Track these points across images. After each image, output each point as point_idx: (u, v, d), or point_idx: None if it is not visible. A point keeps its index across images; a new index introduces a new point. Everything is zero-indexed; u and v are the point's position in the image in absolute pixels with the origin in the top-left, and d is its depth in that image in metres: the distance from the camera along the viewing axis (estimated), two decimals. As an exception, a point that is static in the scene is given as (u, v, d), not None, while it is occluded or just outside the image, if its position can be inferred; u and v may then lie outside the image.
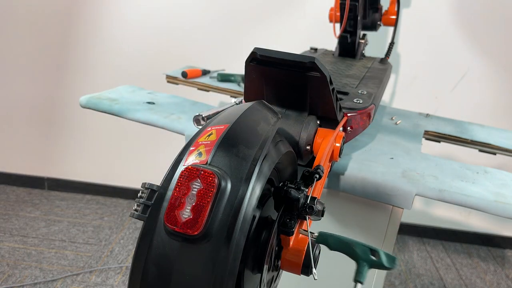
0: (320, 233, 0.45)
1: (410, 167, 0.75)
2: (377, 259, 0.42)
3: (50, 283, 1.57)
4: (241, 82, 1.23)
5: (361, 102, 0.73)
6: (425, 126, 1.01)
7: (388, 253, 0.42)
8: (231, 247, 0.33)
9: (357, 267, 0.43)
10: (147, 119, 0.89)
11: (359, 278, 0.42)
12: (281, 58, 0.51)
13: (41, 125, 2.06)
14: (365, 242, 0.43)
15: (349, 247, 0.43)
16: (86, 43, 1.86)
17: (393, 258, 0.42)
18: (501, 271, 1.89)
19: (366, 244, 0.43)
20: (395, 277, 1.77)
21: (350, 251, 0.43)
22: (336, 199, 0.79)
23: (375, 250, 0.42)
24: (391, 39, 1.08)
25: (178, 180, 0.35)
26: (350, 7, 0.98)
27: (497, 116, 1.76)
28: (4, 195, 2.13)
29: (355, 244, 0.43)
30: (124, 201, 2.18)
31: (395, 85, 1.76)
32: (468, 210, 1.99)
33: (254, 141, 0.39)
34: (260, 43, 1.75)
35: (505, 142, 0.97)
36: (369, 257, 0.42)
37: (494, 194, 0.68)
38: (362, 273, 0.42)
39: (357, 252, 0.43)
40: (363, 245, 0.43)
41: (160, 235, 0.34)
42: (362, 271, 0.42)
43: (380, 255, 0.42)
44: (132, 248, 1.81)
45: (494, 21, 1.62)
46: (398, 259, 0.49)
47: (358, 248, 0.43)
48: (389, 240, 0.79)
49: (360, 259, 0.43)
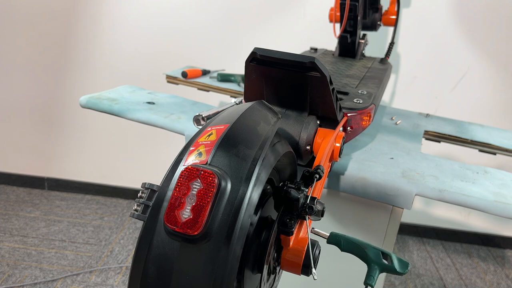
0: (332, 233, 0.45)
1: (410, 167, 0.75)
2: (389, 263, 0.41)
3: (50, 283, 1.57)
4: (241, 82, 1.23)
5: (361, 102, 0.73)
6: (425, 126, 1.01)
7: (401, 258, 0.42)
8: (231, 247, 0.33)
9: (368, 270, 0.42)
10: (147, 119, 0.89)
11: (370, 282, 0.41)
12: (281, 58, 0.51)
13: (41, 125, 2.06)
14: (378, 246, 0.43)
15: (360, 249, 0.42)
16: (86, 43, 1.86)
17: (406, 263, 0.41)
18: (501, 271, 1.89)
19: (378, 247, 0.42)
20: (395, 277, 1.77)
21: (361, 253, 0.42)
22: (336, 199, 0.79)
23: (387, 254, 0.42)
24: (391, 39, 1.08)
25: (178, 180, 0.35)
26: (350, 7, 0.98)
27: (497, 116, 1.76)
28: (4, 195, 2.13)
29: (366, 247, 0.42)
30: (124, 201, 2.18)
31: (395, 85, 1.76)
32: (468, 210, 1.99)
33: (254, 141, 0.39)
34: (260, 43, 1.75)
35: (505, 142, 0.97)
36: (381, 260, 0.42)
37: (494, 194, 0.68)
38: (373, 276, 0.41)
39: (369, 255, 0.42)
40: (375, 248, 0.42)
41: (160, 235, 0.34)
42: (373, 275, 0.41)
43: (393, 259, 0.41)
44: (132, 248, 1.81)
45: (494, 21, 1.62)
46: (410, 265, 0.48)
47: (369, 251, 0.42)
48: (389, 240, 0.79)
49: (372, 262, 0.42)
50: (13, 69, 1.94)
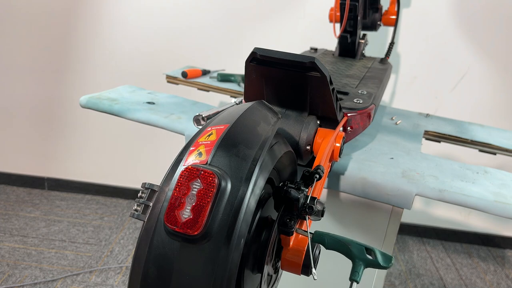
0: (316, 232, 0.45)
1: (410, 167, 0.75)
2: (373, 258, 0.42)
3: (50, 283, 1.57)
4: (241, 82, 1.23)
5: (361, 102, 0.73)
6: (425, 126, 1.01)
7: (384, 252, 0.42)
8: (231, 247, 0.33)
9: (353, 266, 0.43)
10: (147, 119, 0.89)
11: (355, 277, 0.42)
12: (281, 58, 0.51)
13: (41, 125, 2.06)
14: (361, 241, 0.43)
15: (344, 246, 0.43)
16: (86, 43, 1.86)
17: (389, 257, 0.42)
18: (501, 271, 1.89)
19: (362, 243, 0.43)
20: (395, 277, 1.77)
21: (345, 250, 0.43)
22: (336, 199, 0.79)
23: (370, 249, 0.42)
24: (391, 39, 1.08)
25: (178, 180, 0.35)
26: (350, 7, 0.98)
27: (497, 116, 1.76)
28: (4, 195, 2.13)
29: (350, 243, 0.43)
30: (124, 201, 2.18)
31: (395, 85, 1.76)
32: (468, 210, 1.99)
33: (254, 141, 0.39)
34: (260, 43, 1.75)
35: (505, 142, 0.97)
36: (364, 256, 0.42)
37: (494, 194, 0.68)
38: (358, 272, 0.42)
39: (353, 251, 0.43)
40: (359, 244, 0.43)
41: (160, 235, 0.34)
42: (358, 270, 0.42)
43: (376, 254, 0.42)
44: (132, 248, 1.81)
45: (494, 21, 1.62)
46: (394, 258, 0.49)
47: (353, 247, 0.43)
48: (389, 240, 0.79)
49: (356, 258, 0.42)
50: (13, 69, 1.94)
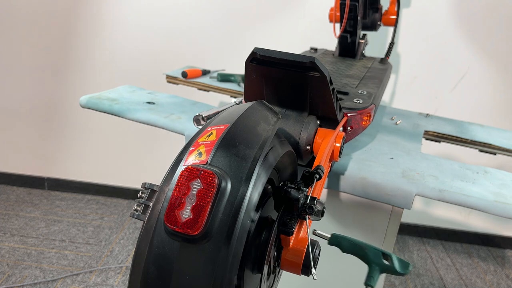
0: (333, 234, 0.45)
1: (410, 167, 0.75)
2: (389, 263, 0.42)
3: (50, 283, 1.57)
4: (241, 82, 1.23)
5: (361, 102, 0.73)
6: (425, 126, 1.01)
7: (402, 258, 0.42)
8: (231, 247, 0.33)
9: (368, 271, 0.42)
10: (147, 119, 0.89)
11: (370, 282, 0.41)
12: (281, 58, 0.51)
13: (41, 125, 2.06)
14: (378, 247, 0.43)
15: (361, 250, 0.43)
16: (86, 43, 1.86)
17: (406, 264, 0.41)
18: (501, 271, 1.89)
19: (379, 248, 0.42)
20: (395, 277, 1.77)
21: (362, 254, 0.43)
22: (336, 199, 0.79)
23: (387, 254, 0.42)
24: (391, 39, 1.08)
25: (178, 180, 0.35)
26: (350, 7, 0.98)
27: (497, 116, 1.76)
28: (4, 195, 2.13)
29: (367, 248, 0.42)
30: (124, 201, 2.18)
31: (395, 85, 1.76)
32: (468, 210, 1.99)
33: (254, 141, 0.39)
34: (260, 43, 1.75)
35: (505, 142, 0.97)
36: (381, 261, 0.42)
37: (494, 194, 0.68)
38: (374, 277, 0.41)
39: (369, 256, 0.42)
40: (376, 249, 0.42)
41: (160, 235, 0.34)
42: (373, 275, 0.41)
43: (393, 260, 0.41)
44: (132, 248, 1.81)
45: (494, 21, 1.62)
46: (412, 265, 0.48)
47: (370, 251, 0.42)
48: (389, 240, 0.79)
49: (372, 263, 0.42)
50: (13, 69, 1.94)
